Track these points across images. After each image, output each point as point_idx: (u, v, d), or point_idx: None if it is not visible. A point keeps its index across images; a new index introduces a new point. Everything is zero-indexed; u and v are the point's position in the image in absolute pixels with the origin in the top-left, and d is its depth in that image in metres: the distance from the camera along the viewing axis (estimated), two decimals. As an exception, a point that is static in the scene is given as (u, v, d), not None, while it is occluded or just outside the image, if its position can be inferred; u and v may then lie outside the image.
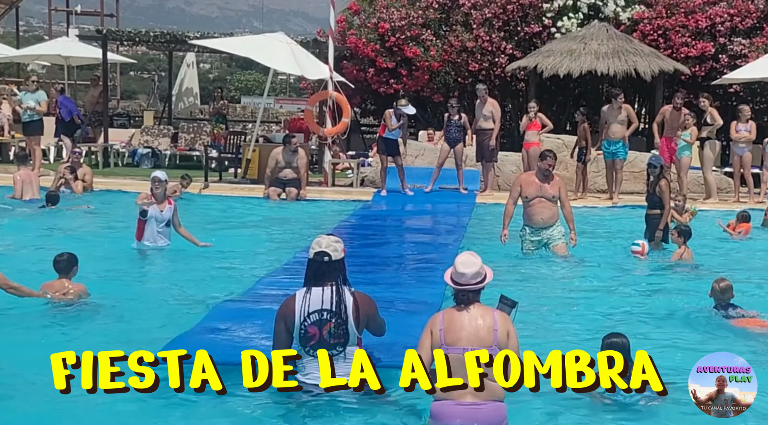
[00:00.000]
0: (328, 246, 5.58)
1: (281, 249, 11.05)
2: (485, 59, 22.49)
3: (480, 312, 5.08)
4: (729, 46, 21.46)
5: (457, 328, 5.03)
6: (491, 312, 5.10)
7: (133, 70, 57.82)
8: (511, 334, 5.04)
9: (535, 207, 10.79)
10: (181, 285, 8.90)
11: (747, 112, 17.14)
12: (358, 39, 22.43)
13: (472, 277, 5.11)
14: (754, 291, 9.14)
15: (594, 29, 21.45)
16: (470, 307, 5.09)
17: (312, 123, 19.08)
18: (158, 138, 22.47)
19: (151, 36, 22.90)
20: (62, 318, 7.44)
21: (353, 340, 5.57)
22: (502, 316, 5.13)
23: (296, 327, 5.52)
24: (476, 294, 5.15)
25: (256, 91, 51.82)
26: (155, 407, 5.27)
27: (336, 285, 5.52)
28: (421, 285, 8.76)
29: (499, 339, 4.99)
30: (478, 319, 5.04)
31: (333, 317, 5.48)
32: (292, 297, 5.61)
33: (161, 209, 10.70)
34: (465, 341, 4.99)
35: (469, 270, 5.10)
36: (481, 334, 4.99)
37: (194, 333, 6.73)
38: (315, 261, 5.57)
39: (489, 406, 4.89)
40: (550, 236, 10.80)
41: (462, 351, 4.93)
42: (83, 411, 5.18)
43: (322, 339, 5.50)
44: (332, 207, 15.84)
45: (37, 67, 34.15)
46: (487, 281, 5.20)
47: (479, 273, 5.12)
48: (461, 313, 5.08)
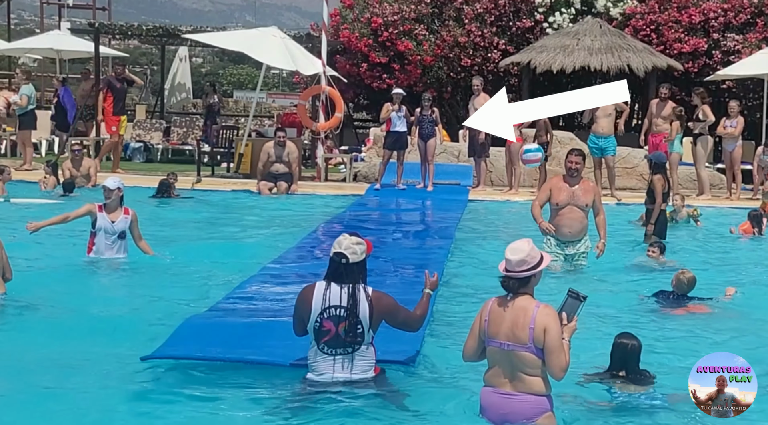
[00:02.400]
0: (348, 248, 5.54)
1: (264, 246, 10.96)
2: (477, 54, 22.47)
3: (522, 306, 4.90)
4: (722, 42, 21.47)
5: (499, 321, 4.93)
6: (532, 308, 4.88)
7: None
8: (549, 331, 4.80)
9: (565, 217, 9.70)
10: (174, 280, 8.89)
11: (735, 108, 17.17)
12: (351, 33, 22.39)
13: (516, 265, 4.92)
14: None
15: (587, 25, 21.45)
16: (516, 299, 4.93)
17: (305, 118, 19.04)
18: (150, 132, 22.41)
19: (144, 30, 22.84)
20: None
21: (367, 340, 5.56)
22: (543, 313, 4.85)
23: (312, 318, 5.49)
24: (521, 283, 4.94)
25: (248, 85, 51.74)
26: (154, 408, 5.24)
27: (352, 286, 5.50)
28: (410, 283, 8.72)
29: (534, 338, 4.82)
30: (518, 314, 4.88)
31: (348, 315, 5.47)
32: (310, 287, 5.59)
33: (113, 219, 9.44)
34: (503, 336, 4.91)
35: (515, 257, 4.94)
36: (518, 331, 4.86)
37: (192, 321, 6.71)
38: (333, 261, 5.56)
39: (524, 398, 4.87)
40: (577, 251, 9.77)
41: (499, 346, 4.91)
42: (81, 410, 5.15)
43: (337, 336, 5.49)
44: (324, 201, 15.81)
45: (29, 61, 34.02)
46: (535, 272, 4.96)
47: (524, 261, 4.92)
48: (505, 305, 4.94)
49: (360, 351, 5.54)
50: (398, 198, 16.02)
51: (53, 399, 5.44)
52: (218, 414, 5.29)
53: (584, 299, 4.99)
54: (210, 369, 5.95)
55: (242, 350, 6.13)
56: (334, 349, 5.52)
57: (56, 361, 6.12)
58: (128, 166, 19.86)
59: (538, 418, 4.87)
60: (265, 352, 6.07)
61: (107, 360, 6.19)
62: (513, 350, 4.86)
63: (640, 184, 17.62)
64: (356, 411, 5.24)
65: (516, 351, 4.86)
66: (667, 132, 16.52)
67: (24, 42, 27.25)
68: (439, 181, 16.89)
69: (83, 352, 6.36)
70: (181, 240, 11.25)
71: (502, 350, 4.91)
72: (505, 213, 15.06)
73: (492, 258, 10.69)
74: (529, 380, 4.86)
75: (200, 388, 5.65)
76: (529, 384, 4.87)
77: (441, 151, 18.68)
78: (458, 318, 7.73)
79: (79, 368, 5.99)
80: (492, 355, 4.98)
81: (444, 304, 8.17)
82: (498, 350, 4.93)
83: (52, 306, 7.64)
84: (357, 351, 5.53)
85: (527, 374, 4.86)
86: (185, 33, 21.68)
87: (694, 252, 11.44)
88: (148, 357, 5.99)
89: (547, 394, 4.91)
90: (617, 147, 16.72)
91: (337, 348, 5.52)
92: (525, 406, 4.87)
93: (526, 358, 4.85)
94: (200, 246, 10.92)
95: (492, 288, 5.96)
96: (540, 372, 4.86)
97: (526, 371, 4.86)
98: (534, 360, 4.84)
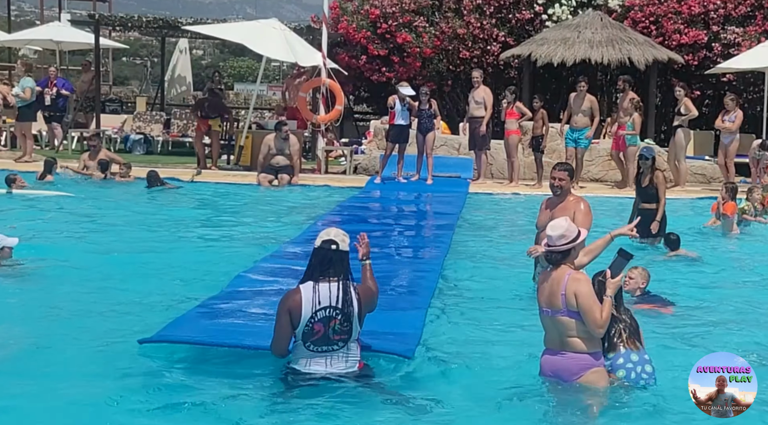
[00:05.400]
0: (336, 236, 5.56)
1: (264, 238, 10.99)
2: (477, 46, 22.43)
3: (558, 275, 5.49)
4: (722, 35, 21.43)
5: (542, 290, 5.58)
6: (564, 276, 5.45)
7: (126, 56, 57.52)
8: (579, 295, 5.35)
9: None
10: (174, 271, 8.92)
11: (732, 102, 17.19)
12: (350, 25, 22.34)
13: (557, 239, 5.51)
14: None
15: (588, 17, 21.41)
16: (555, 271, 5.53)
17: (305, 110, 19.03)
18: (151, 124, 22.40)
19: (144, 21, 22.79)
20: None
21: (354, 336, 5.54)
22: (573, 279, 5.42)
23: (302, 322, 5.41)
24: (563, 255, 5.52)
25: (249, 77, 51.63)
26: (148, 407, 5.23)
27: (342, 282, 5.47)
28: (411, 273, 8.74)
29: (567, 303, 5.41)
30: (554, 284, 5.49)
31: (339, 314, 5.43)
32: (296, 291, 5.50)
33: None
34: (544, 303, 5.54)
35: (555, 232, 5.53)
36: (553, 299, 5.47)
37: (188, 316, 6.73)
38: (322, 249, 5.51)
39: (570, 356, 5.46)
40: None
41: (543, 313, 5.57)
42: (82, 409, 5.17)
43: (325, 336, 5.45)
44: (325, 194, 15.82)
45: (29, 52, 33.97)
46: (574, 245, 5.52)
47: (563, 235, 5.50)
48: (547, 275, 5.58)
49: (345, 349, 5.50)
50: (399, 190, 16.03)
51: (44, 383, 5.47)
52: (201, 403, 5.27)
53: (631, 258, 5.59)
54: (198, 357, 5.97)
55: (240, 336, 6.15)
56: (320, 347, 5.47)
57: (45, 346, 6.17)
58: (128, 158, 19.84)
59: (585, 373, 5.43)
60: (263, 338, 5.99)
61: (102, 345, 6.24)
62: (553, 316, 5.48)
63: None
64: (339, 405, 5.23)
65: (555, 316, 5.47)
66: (625, 125, 16.66)
67: (24, 33, 27.19)
68: (439, 174, 16.87)
69: (77, 339, 6.40)
70: (180, 231, 11.28)
71: (546, 316, 5.54)
72: (504, 206, 15.09)
73: (491, 250, 10.76)
74: (571, 340, 5.46)
75: (189, 376, 5.66)
76: (572, 344, 5.46)
77: (441, 144, 18.69)
78: (457, 310, 7.76)
79: (71, 352, 6.02)
80: (542, 321, 5.63)
81: (443, 296, 8.19)
82: (544, 316, 5.58)
83: (47, 292, 7.68)
84: (342, 349, 5.50)
85: (569, 336, 5.45)
86: (185, 25, 21.65)
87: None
88: (146, 341, 6.01)
89: (591, 351, 5.45)
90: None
91: (323, 347, 5.47)
92: (571, 363, 5.46)
93: (564, 322, 5.44)
94: (200, 237, 10.94)
95: (490, 279, 5.99)
96: (580, 333, 5.42)
97: (568, 333, 5.45)
98: (571, 323, 5.43)
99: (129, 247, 10.04)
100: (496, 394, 5.58)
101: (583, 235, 5.62)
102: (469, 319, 7.44)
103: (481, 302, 8.08)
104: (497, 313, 7.66)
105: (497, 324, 7.32)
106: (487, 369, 6.10)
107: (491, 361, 6.28)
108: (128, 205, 13.28)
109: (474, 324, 7.32)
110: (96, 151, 16.43)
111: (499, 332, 7.10)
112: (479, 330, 7.14)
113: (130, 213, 12.45)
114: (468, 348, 6.60)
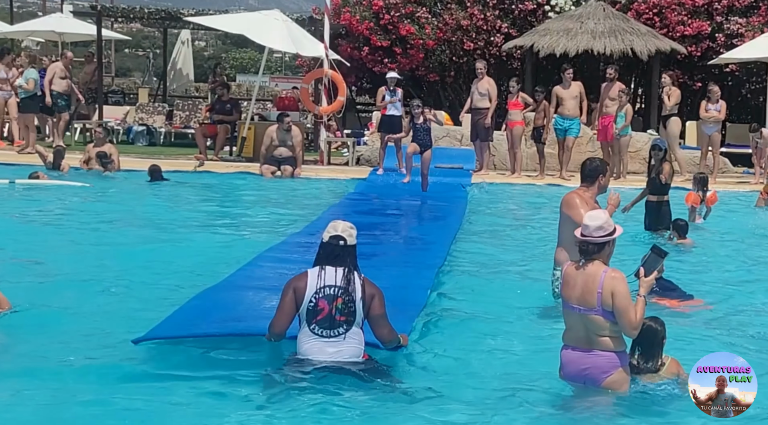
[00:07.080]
0: (344, 231, 5.60)
1: (268, 231, 10.97)
2: (480, 38, 22.39)
3: (593, 271, 5.26)
4: (725, 25, 21.38)
5: (572, 285, 5.33)
6: (600, 273, 5.24)
7: (128, 48, 57.45)
8: (616, 294, 5.15)
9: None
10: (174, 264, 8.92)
11: (717, 92, 17.18)
12: (352, 16, 22.31)
13: (594, 230, 5.31)
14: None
15: (591, 8, 21.35)
16: (589, 264, 5.29)
17: (307, 101, 19.03)
18: (153, 115, 22.40)
19: (146, 13, 22.79)
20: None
21: (358, 321, 5.56)
22: (610, 277, 5.20)
23: (306, 299, 5.49)
24: (598, 248, 5.31)
25: (251, 68, 51.54)
26: (143, 405, 5.20)
27: (348, 267, 5.54)
28: (412, 266, 8.73)
29: (603, 301, 5.19)
30: (588, 280, 5.26)
31: (343, 293, 5.50)
32: (303, 274, 5.61)
33: None
34: (575, 300, 5.30)
35: (594, 223, 5.32)
36: (588, 296, 5.24)
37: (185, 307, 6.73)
38: (329, 244, 5.58)
39: (599, 353, 5.27)
40: None
41: (571, 310, 5.32)
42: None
43: (330, 315, 5.49)
44: (328, 185, 15.82)
45: (31, 44, 33.94)
46: (611, 239, 5.32)
47: (602, 227, 5.31)
48: (578, 270, 5.33)
49: (351, 334, 5.53)
50: (400, 181, 15.98)
51: (39, 381, 5.44)
52: (204, 396, 5.28)
53: (665, 256, 5.48)
54: (197, 351, 5.95)
55: (238, 325, 6.15)
56: (326, 330, 5.50)
57: (43, 345, 6.14)
58: (131, 149, 19.86)
59: (615, 371, 5.26)
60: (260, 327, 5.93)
61: (97, 343, 6.22)
62: (585, 314, 5.25)
63: (643, 167, 17.58)
64: (344, 395, 5.22)
65: (587, 315, 5.25)
66: (612, 115, 16.65)
67: (26, 25, 27.16)
68: (441, 165, 16.85)
69: (73, 336, 6.38)
70: (184, 224, 11.27)
71: (575, 313, 5.30)
72: (506, 196, 15.09)
73: (494, 240, 10.77)
74: (601, 339, 5.26)
75: (189, 370, 5.64)
76: (602, 342, 5.26)
77: (443, 135, 18.68)
78: (458, 302, 7.75)
79: (67, 350, 6.02)
80: (567, 317, 5.41)
81: (445, 288, 8.19)
82: (571, 313, 5.34)
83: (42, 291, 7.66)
84: (348, 333, 5.53)
85: (599, 335, 5.25)
86: (188, 16, 21.62)
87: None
88: (140, 340, 5.98)
89: (618, 351, 5.28)
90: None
91: (329, 330, 5.50)
92: (600, 360, 5.27)
93: (596, 321, 5.23)
94: (203, 229, 10.94)
95: (493, 273, 5.99)
96: (611, 333, 5.23)
97: (599, 332, 5.24)
98: (604, 323, 5.22)
99: (128, 240, 10.03)
100: (499, 388, 5.59)
101: (619, 231, 5.38)
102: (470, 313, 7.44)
103: (486, 288, 8.04)
104: (501, 306, 7.61)
105: (500, 316, 7.30)
106: (488, 365, 6.07)
107: (493, 354, 6.30)
108: (129, 199, 13.23)
109: (478, 303, 7.40)
110: (102, 141, 16.35)
111: (503, 324, 7.08)
112: (482, 323, 7.11)
113: (129, 207, 12.40)
114: (470, 339, 6.60)
